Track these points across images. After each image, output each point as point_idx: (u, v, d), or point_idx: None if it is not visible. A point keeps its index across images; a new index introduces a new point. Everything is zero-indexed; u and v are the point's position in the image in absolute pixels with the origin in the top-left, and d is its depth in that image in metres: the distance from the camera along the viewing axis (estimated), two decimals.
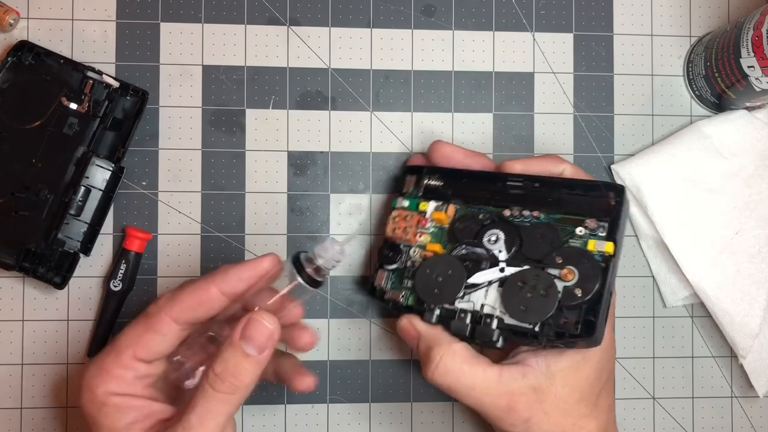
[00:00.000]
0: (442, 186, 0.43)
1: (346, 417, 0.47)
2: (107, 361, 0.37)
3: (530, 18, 0.49)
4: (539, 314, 0.36)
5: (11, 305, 0.46)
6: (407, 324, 0.40)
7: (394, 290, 0.42)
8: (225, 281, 0.37)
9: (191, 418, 0.34)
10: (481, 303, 0.38)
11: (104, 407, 0.36)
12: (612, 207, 0.38)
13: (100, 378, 0.37)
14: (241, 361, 0.34)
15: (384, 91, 0.48)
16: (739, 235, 0.48)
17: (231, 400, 0.35)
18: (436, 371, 0.38)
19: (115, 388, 0.37)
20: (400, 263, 0.42)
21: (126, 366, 0.37)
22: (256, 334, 0.34)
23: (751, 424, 0.50)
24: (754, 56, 0.43)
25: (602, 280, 0.36)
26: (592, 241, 0.37)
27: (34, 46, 0.44)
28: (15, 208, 0.44)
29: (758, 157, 0.48)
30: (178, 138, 0.47)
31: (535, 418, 0.37)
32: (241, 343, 0.34)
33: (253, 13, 0.48)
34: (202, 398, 0.34)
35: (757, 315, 0.47)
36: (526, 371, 0.38)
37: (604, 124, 0.50)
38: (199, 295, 0.37)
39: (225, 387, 0.34)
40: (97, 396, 0.37)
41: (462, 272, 0.39)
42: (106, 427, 0.36)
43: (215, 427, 0.34)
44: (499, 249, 0.39)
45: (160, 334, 0.37)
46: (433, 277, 0.40)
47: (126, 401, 0.37)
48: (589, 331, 0.36)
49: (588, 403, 0.39)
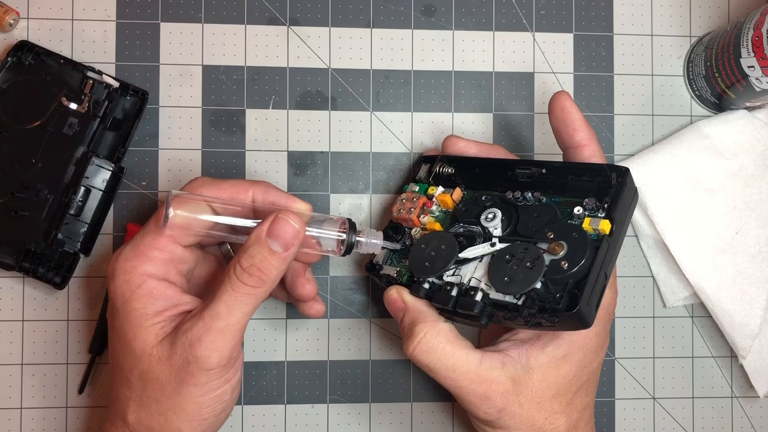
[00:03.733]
0: (454, 174, 0.43)
1: (346, 417, 0.48)
2: (144, 242, 0.37)
3: (530, 18, 0.49)
4: (522, 285, 0.36)
5: (11, 305, 0.46)
6: (395, 294, 0.40)
7: (391, 266, 0.42)
8: (263, 192, 0.39)
9: (218, 306, 0.36)
10: (469, 277, 0.38)
11: (139, 289, 0.37)
12: (613, 187, 0.37)
13: (138, 259, 0.37)
14: (267, 256, 0.36)
15: (384, 91, 0.48)
16: (739, 235, 0.48)
17: (256, 293, 0.36)
18: (418, 347, 0.37)
19: (153, 270, 0.37)
20: (402, 243, 0.43)
21: (163, 248, 0.37)
22: (282, 231, 0.36)
23: (751, 424, 0.50)
24: (754, 56, 0.43)
25: (591, 255, 0.35)
26: (588, 219, 0.37)
27: (34, 46, 0.44)
28: (15, 208, 0.44)
29: (758, 157, 0.48)
30: (178, 138, 0.47)
31: (508, 409, 0.37)
32: (267, 239, 0.36)
33: (253, 13, 0.48)
34: (229, 289, 0.36)
35: (757, 315, 0.47)
36: (507, 361, 0.38)
37: (604, 124, 0.50)
38: (237, 189, 0.38)
39: (252, 280, 0.36)
40: (134, 277, 0.37)
41: (454, 246, 0.39)
42: (137, 311, 0.37)
43: (241, 316, 0.36)
44: (494, 226, 0.40)
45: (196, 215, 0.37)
46: (426, 251, 0.40)
47: (160, 286, 0.37)
48: (572, 305, 0.35)
49: (563, 401, 0.39)
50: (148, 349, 0.36)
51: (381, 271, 0.43)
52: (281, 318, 0.47)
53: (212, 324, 0.36)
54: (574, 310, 0.34)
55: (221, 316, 0.36)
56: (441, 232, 0.41)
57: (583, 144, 0.40)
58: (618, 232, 0.37)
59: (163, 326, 0.37)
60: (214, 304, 0.36)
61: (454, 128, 0.49)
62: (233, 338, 0.36)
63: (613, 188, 0.37)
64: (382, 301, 0.47)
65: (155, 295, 0.37)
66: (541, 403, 0.38)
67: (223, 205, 0.38)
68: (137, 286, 0.37)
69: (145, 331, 0.36)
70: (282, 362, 0.47)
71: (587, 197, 0.38)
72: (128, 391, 0.37)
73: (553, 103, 0.41)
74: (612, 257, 0.36)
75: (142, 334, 0.36)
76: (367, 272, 0.44)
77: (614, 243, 0.36)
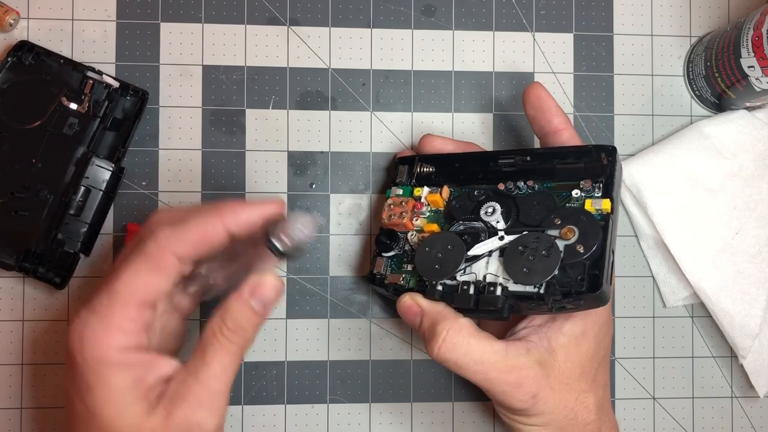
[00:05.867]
0: (434, 172, 0.43)
1: (346, 417, 0.47)
2: (113, 313, 0.34)
3: (530, 18, 0.49)
4: (543, 274, 0.36)
5: (11, 305, 0.46)
6: (409, 301, 0.40)
7: (394, 274, 0.42)
8: (234, 219, 0.36)
9: (215, 367, 0.35)
10: (483, 273, 0.39)
11: (111, 366, 0.34)
12: (605, 166, 0.39)
13: (109, 334, 0.34)
14: (250, 316, 0.36)
15: (384, 91, 0.48)
16: (739, 235, 0.48)
17: (243, 351, 0.36)
18: (443, 346, 0.37)
19: (124, 342, 0.34)
20: (398, 249, 0.43)
21: (134, 317, 0.35)
22: (265, 293, 0.36)
23: (751, 424, 0.50)
24: (754, 56, 0.43)
25: (603, 236, 0.37)
26: (589, 201, 0.38)
27: (34, 46, 0.44)
28: (15, 208, 0.44)
29: (758, 157, 0.48)
30: (178, 138, 0.47)
31: (541, 393, 0.38)
32: (250, 300, 0.36)
33: (253, 13, 0.48)
34: (221, 350, 0.35)
35: (757, 315, 0.47)
36: (530, 347, 0.38)
37: (604, 124, 0.50)
38: (207, 231, 0.36)
39: (239, 339, 0.35)
40: (106, 355, 0.34)
41: (461, 245, 0.39)
42: (118, 387, 0.34)
43: (233, 375, 0.36)
44: (496, 220, 0.40)
45: (165, 274, 0.35)
46: (432, 254, 0.40)
47: (133, 357, 0.34)
48: (595, 286, 0.36)
49: (588, 378, 0.39)
50: (138, 423, 0.34)
51: (385, 280, 0.42)
52: (281, 318, 0.47)
53: (211, 386, 0.35)
54: (599, 290, 0.36)
55: (219, 377, 0.35)
56: (443, 233, 0.41)
57: (561, 128, 0.42)
58: (616, 208, 0.38)
59: (148, 396, 0.34)
60: (208, 366, 0.35)
61: (454, 128, 0.49)
62: (227, 398, 0.35)
63: (605, 167, 0.39)
64: (382, 301, 0.48)
65: (133, 364, 0.34)
66: (570, 384, 0.39)
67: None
68: (108, 364, 0.34)
69: (130, 408, 0.34)
70: (282, 362, 0.47)
71: (578, 179, 0.39)
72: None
73: (528, 93, 0.42)
74: (615, 233, 0.38)
75: (128, 411, 0.34)
76: (369, 283, 0.44)
77: (615, 219, 0.38)
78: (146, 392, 0.34)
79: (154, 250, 0.35)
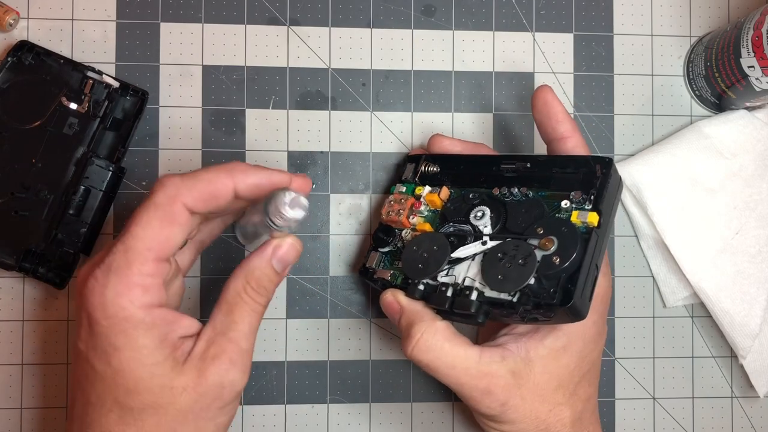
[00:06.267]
0: (439, 172, 0.44)
1: (346, 417, 0.47)
2: (132, 271, 0.33)
3: (530, 18, 0.49)
4: (516, 282, 0.36)
5: (11, 305, 0.46)
6: (390, 297, 0.40)
7: (384, 269, 0.42)
8: (243, 179, 0.36)
9: (243, 326, 0.36)
10: (463, 277, 0.38)
11: (138, 326, 0.33)
12: (598, 179, 0.38)
13: (131, 292, 0.33)
14: (272, 276, 0.37)
15: (384, 91, 0.48)
16: (739, 235, 0.48)
17: (264, 309, 0.37)
18: (416, 347, 0.37)
19: (147, 299, 0.34)
20: (393, 246, 0.43)
21: (153, 273, 0.34)
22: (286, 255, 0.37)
23: (751, 424, 0.50)
24: (754, 56, 0.43)
25: (582, 249, 0.36)
26: (576, 212, 0.37)
27: (34, 46, 0.44)
28: (15, 208, 0.44)
29: (758, 157, 0.48)
30: (178, 138, 0.47)
31: (511, 402, 0.37)
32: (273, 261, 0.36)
33: (253, 13, 0.48)
34: (247, 309, 0.36)
35: (757, 315, 0.47)
36: (506, 354, 0.38)
37: (604, 124, 0.50)
38: (217, 185, 0.35)
39: (262, 299, 0.37)
40: (131, 314, 0.33)
41: (446, 247, 0.39)
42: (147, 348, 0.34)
43: (256, 333, 0.37)
44: (484, 224, 0.40)
45: (178, 225, 0.34)
46: (419, 253, 0.40)
47: (156, 314, 0.34)
48: (566, 299, 0.35)
49: (566, 392, 0.39)
50: (168, 382, 0.34)
51: (374, 274, 0.43)
52: (281, 318, 0.47)
53: (241, 345, 0.35)
54: (568, 304, 0.35)
55: (248, 336, 0.36)
56: (432, 233, 0.41)
57: (566, 135, 0.41)
58: (606, 222, 0.37)
59: (174, 355, 0.35)
60: (237, 326, 0.36)
61: (454, 128, 0.49)
62: (251, 356, 0.36)
63: (598, 180, 0.38)
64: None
65: (158, 322, 0.34)
66: (544, 396, 0.38)
67: None
68: (138, 319, 0.33)
69: (160, 367, 0.34)
70: (282, 362, 0.47)
71: (574, 190, 0.38)
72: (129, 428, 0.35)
73: (535, 97, 0.41)
74: (602, 248, 0.37)
75: (158, 370, 0.34)
76: (360, 276, 0.44)
77: (603, 234, 0.37)
78: (172, 350, 0.35)
79: (164, 200, 0.34)
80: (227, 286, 0.36)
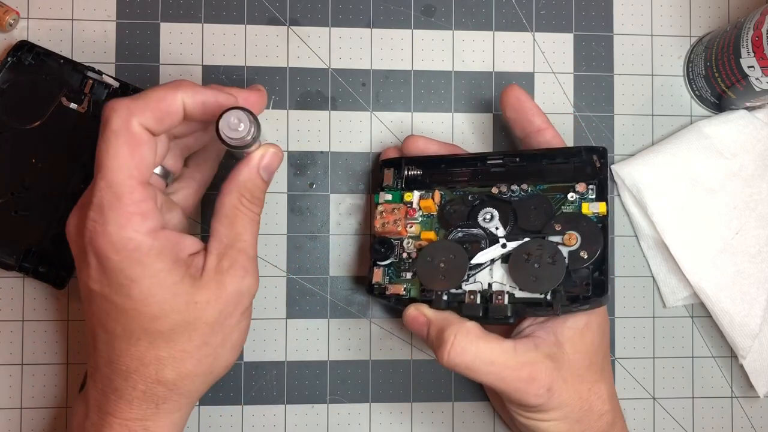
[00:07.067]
0: (422, 175, 0.43)
1: (346, 417, 0.47)
2: (124, 202, 0.34)
3: (530, 18, 0.49)
4: (551, 282, 0.37)
5: (11, 305, 0.46)
6: (414, 311, 0.40)
7: (395, 284, 0.42)
8: (191, 95, 0.36)
9: (248, 236, 0.38)
10: (488, 282, 0.39)
11: (150, 253, 0.34)
12: (598, 169, 0.39)
13: (132, 222, 0.34)
14: (261, 185, 0.38)
15: (384, 91, 0.48)
16: (739, 235, 0.48)
17: (259, 217, 0.39)
18: (452, 351, 0.38)
19: (150, 224, 0.34)
20: (395, 257, 0.43)
21: (143, 198, 0.34)
22: (271, 164, 0.38)
23: (751, 424, 0.50)
24: (754, 56, 0.43)
25: (604, 240, 0.37)
26: (586, 204, 0.38)
27: (34, 46, 0.44)
28: (15, 208, 0.44)
29: (758, 157, 0.48)
30: None
31: (555, 386, 0.38)
32: (261, 171, 0.38)
33: (253, 13, 0.48)
34: (248, 220, 0.38)
35: (757, 315, 0.47)
36: (538, 342, 0.39)
37: (604, 124, 0.50)
38: (166, 100, 0.35)
39: (256, 208, 0.39)
40: (139, 243, 0.34)
41: (463, 254, 0.39)
42: (164, 271, 0.35)
43: (257, 234, 0.39)
44: (495, 226, 0.40)
45: (142, 144, 0.34)
46: (435, 264, 0.40)
47: (162, 237, 0.35)
48: (601, 290, 0.37)
49: (596, 368, 0.40)
50: (191, 299, 0.36)
51: (386, 291, 0.42)
52: (281, 318, 0.47)
53: (249, 253, 0.38)
54: (605, 294, 0.37)
55: (253, 244, 0.38)
56: (443, 242, 0.41)
57: (543, 127, 0.42)
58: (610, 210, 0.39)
59: (189, 272, 0.36)
60: (242, 236, 0.37)
61: (454, 128, 0.49)
62: (257, 262, 0.39)
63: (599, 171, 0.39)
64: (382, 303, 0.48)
65: (165, 245, 0.35)
66: (581, 374, 0.39)
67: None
68: (147, 246, 0.34)
69: (180, 286, 0.35)
70: (282, 362, 0.47)
71: (573, 180, 0.39)
72: (162, 351, 0.36)
73: (507, 95, 0.43)
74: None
75: (179, 289, 0.35)
76: (369, 294, 0.44)
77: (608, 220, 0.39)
78: (187, 268, 0.36)
79: (121, 124, 0.34)
80: (222, 201, 0.38)
